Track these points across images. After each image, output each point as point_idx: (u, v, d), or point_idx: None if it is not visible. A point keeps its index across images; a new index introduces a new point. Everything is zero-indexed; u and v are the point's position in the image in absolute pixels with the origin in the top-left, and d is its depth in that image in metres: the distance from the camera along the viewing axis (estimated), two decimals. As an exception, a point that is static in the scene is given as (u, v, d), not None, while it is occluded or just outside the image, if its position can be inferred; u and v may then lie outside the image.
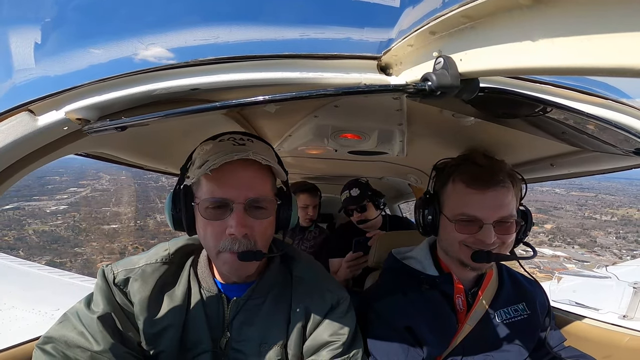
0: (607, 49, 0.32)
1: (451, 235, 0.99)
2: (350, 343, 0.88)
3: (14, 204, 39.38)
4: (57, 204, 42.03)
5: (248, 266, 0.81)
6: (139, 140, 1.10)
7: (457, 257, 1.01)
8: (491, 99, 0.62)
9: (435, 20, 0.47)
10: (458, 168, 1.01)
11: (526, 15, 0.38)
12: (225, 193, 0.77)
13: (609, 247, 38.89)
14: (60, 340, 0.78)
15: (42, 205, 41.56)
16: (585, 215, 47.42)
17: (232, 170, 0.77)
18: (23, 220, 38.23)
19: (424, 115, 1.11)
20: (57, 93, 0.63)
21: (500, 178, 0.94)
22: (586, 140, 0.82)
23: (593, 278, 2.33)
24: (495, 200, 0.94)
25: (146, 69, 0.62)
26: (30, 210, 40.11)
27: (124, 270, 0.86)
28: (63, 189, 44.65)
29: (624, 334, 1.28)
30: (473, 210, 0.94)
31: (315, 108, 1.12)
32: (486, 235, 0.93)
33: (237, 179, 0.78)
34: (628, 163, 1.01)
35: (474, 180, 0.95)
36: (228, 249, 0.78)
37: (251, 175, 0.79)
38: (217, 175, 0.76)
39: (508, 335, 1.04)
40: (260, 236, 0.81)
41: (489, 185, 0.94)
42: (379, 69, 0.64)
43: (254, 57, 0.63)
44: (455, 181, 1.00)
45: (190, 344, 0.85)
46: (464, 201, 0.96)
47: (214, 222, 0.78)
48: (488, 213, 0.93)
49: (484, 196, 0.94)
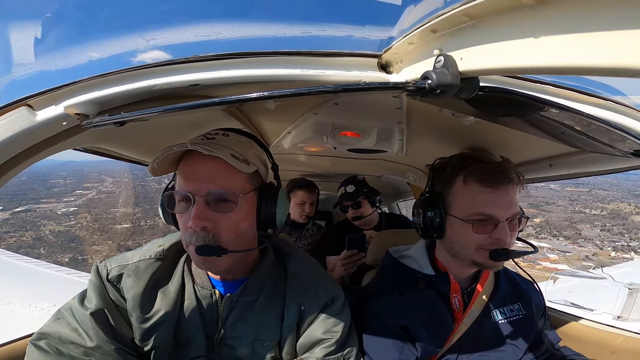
0: (608, 48, 0.32)
1: (467, 238, 0.96)
2: (344, 341, 0.88)
3: (24, 207, 41.27)
4: (66, 205, 43.73)
5: (214, 261, 0.78)
6: (138, 135, 1.09)
7: (471, 259, 0.99)
8: (491, 99, 0.62)
9: (436, 18, 0.47)
10: (467, 167, 0.99)
11: (528, 14, 0.38)
12: (188, 186, 0.77)
13: (592, 239, 40.28)
14: (54, 337, 0.78)
15: (52, 207, 43.31)
16: (575, 209, 48.30)
17: (193, 164, 0.77)
18: (38, 222, 39.76)
19: (423, 114, 1.11)
20: (56, 88, 0.63)
21: (511, 176, 0.95)
22: (585, 141, 0.82)
23: (588, 279, 2.34)
24: (507, 197, 0.94)
25: (146, 65, 0.62)
26: (42, 212, 41.79)
27: (118, 266, 0.86)
28: (69, 191, 46.21)
29: (617, 334, 1.28)
30: (488, 209, 0.93)
31: (315, 105, 1.12)
32: (503, 233, 0.93)
33: (197, 171, 0.77)
34: (627, 164, 1.01)
35: (488, 179, 0.94)
36: (189, 242, 0.77)
37: (212, 167, 0.76)
38: (183, 169, 0.78)
39: (504, 335, 1.05)
40: (225, 231, 0.78)
41: (502, 183, 0.94)
42: (380, 66, 0.64)
43: (255, 54, 0.63)
44: (467, 181, 0.97)
45: (184, 340, 0.85)
46: (479, 200, 0.94)
47: (182, 215, 0.79)
48: (502, 211, 0.93)
49: (497, 194, 0.93)
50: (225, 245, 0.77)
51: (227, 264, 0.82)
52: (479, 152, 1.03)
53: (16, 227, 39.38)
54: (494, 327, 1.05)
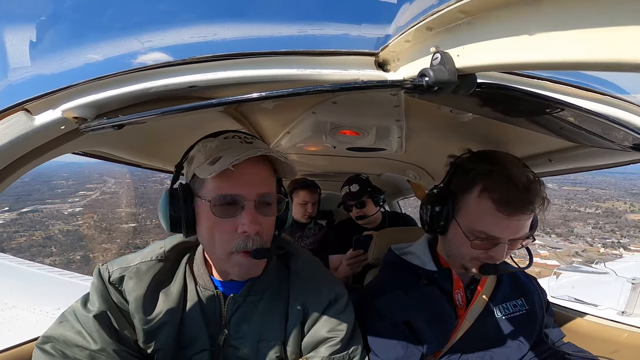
0: (604, 43, 0.32)
1: (463, 249, 0.95)
2: (349, 339, 0.88)
3: (29, 207, 42.56)
4: (72, 206, 45.10)
5: (259, 265, 0.82)
6: (137, 138, 1.09)
7: (462, 264, 0.99)
8: (489, 95, 0.62)
9: (432, 16, 0.47)
10: (489, 178, 0.89)
11: (523, 10, 0.38)
12: (237, 190, 0.76)
13: (583, 236, 40.99)
14: (59, 340, 0.78)
15: (58, 208, 44.70)
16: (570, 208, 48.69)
17: (243, 167, 0.74)
18: (46, 222, 41.06)
19: (422, 111, 1.11)
20: (53, 92, 0.63)
21: (533, 207, 0.86)
22: (584, 136, 0.82)
23: (591, 274, 2.34)
24: (519, 224, 0.88)
25: (143, 67, 0.62)
26: (48, 212, 43.15)
27: (119, 268, 0.86)
28: (73, 192, 47.50)
29: (622, 330, 1.28)
30: (494, 232, 0.88)
31: (313, 105, 1.12)
32: (499, 253, 0.90)
33: (249, 175, 0.77)
34: (626, 158, 1.01)
35: (506, 206, 0.85)
36: (241, 248, 0.77)
37: (261, 171, 0.79)
38: (226, 172, 0.72)
39: (507, 331, 1.04)
40: (267, 233, 0.81)
41: (520, 213, 0.86)
42: (377, 65, 0.64)
43: (252, 54, 0.63)
44: (483, 197, 0.89)
45: (188, 341, 0.85)
46: (488, 222, 0.88)
47: (224, 220, 0.76)
48: (508, 235, 0.89)
49: (510, 221, 0.87)
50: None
51: (263, 266, 0.85)
52: (512, 163, 0.91)
53: (25, 227, 40.16)
54: (498, 323, 1.04)
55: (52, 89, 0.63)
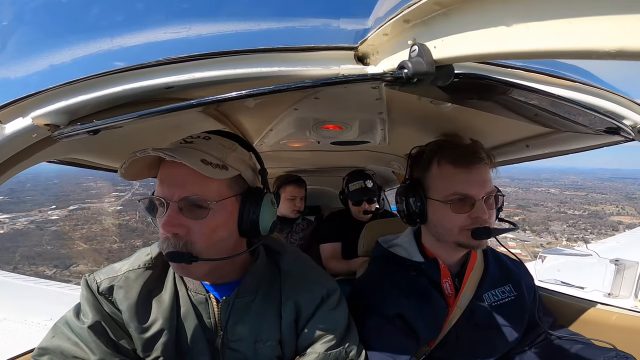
0: (577, 32, 0.33)
1: (448, 219, 1.00)
2: (344, 334, 0.89)
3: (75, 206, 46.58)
4: (111, 205, 47.55)
5: (187, 268, 0.75)
6: (115, 143, 1.06)
7: (455, 241, 1.02)
8: (466, 85, 0.63)
9: (408, 8, 0.47)
10: (439, 151, 1.04)
11: (497, 1, 0.39)
12: (162, 192, 0.76)
13: (553, 233, 43.83)
14: (55, 351, 0.77)
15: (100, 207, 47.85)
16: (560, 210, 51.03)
17: (167, 169, 0.77)
18: (97, 217, 44.75)
19: (403, 103, 1.12)
20: (21, 99, 0.60)
21: (481, 156, 1.00)
22: (558, 122, 0.84)
23: (574, 256, 2.41)
24: (480, 176, 0.99)
25: (116, 69, 0.60)
26: (94, 210, 46.61)
27: (107, 278, 0.84)
28: (106, 193, 49.77)
29: (611, 312, 1.29)
30: (464, 189, 0.98)
31: (295, 101, 1.11)
32: (481, 211, 0.97)
33: (170, 177, 0.76)
34: (601, 141, 1.05)
35: (460, 159, 0.99)
36: (163, 249, 0.76)
37: (185, 173, 0.73)
38: (159, 174, 0.78)
39: (498, 317, 1.07)
40: (200, 237, 0.75)
41: (473, 163, 0.99)
42: (357, 59, 0.64)
43: (229, 53, 0.61)
44: (441, 163, 1.02)
45: (186, 347, 0.84)
46: (454, 180, 0.99)
47: (158, 220, 0.77)
48: (477, 189, 0.98)
49: (470, 173, 0.99)
50: (199, 252, 0.75)
51: (204, 270, 0.80)
52: (451, 137, 1.07)
53: (80, 221, 43.87)
54: (488, 310, 1.07)
55: (21, 96, 0.60)
